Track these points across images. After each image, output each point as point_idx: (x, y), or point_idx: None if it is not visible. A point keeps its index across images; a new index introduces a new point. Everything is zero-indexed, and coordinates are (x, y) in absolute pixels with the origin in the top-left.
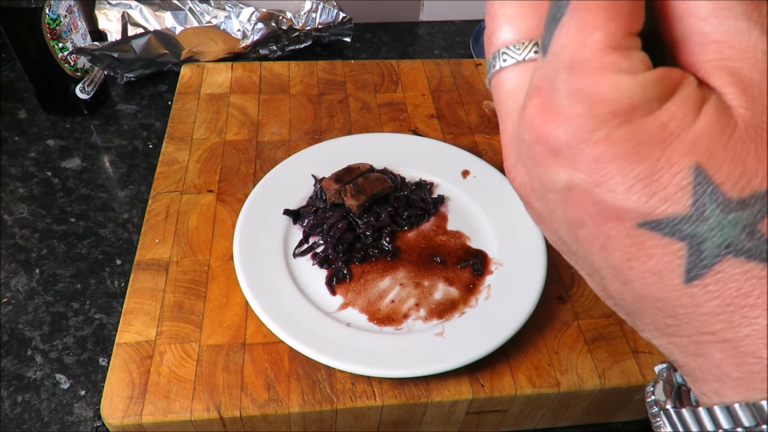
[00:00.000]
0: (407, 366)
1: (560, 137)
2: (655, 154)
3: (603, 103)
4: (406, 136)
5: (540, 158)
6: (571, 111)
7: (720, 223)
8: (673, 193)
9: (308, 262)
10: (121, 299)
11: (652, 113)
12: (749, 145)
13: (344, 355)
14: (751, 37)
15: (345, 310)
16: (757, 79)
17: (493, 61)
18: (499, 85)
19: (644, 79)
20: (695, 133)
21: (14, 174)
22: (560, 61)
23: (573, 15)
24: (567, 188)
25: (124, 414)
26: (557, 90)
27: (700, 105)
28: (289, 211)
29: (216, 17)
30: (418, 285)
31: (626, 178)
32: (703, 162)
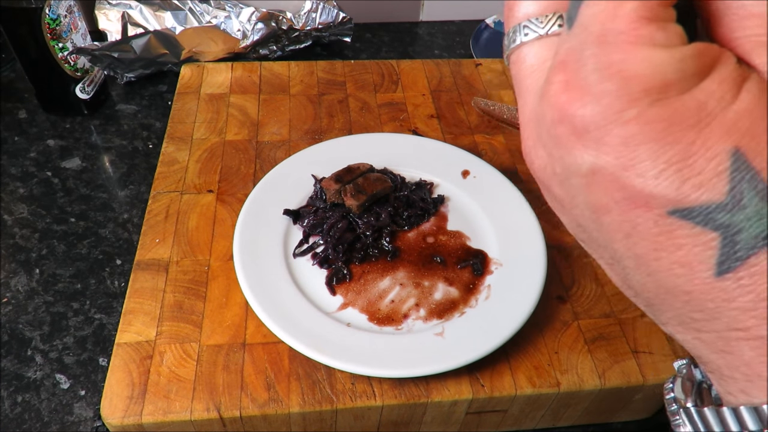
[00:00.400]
0: (407, 366)
1: (586, 116)
2: (690, 136)
3: (635, 80)
4: (406, 136)
5: (563, 139)
6: (600, 88)
7: (758, 213)
8: (708, 179)
9: (308, 262)
10: (121, 299)
11: (688, 91)
12: None
13: (344, 355)
14: None
15: (345, 310)
16: None
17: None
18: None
19: (681, 54)
20: (735, 114)
21: (14, 174)
22: (589, 33)
23: None
24: (591, 172)
25: (124, 414)
26: (584, 65)
27: (740, 84)
28: (289, 211)
29: (216, 17)
30: (418, 285)
31: (657, 162)
32: (742, 146)
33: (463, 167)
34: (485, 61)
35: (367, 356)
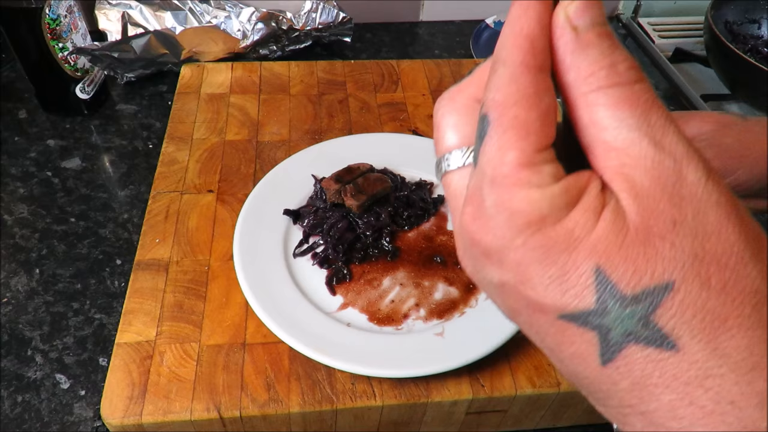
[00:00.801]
0: (407, 366)
1: (489, 243)
2: (564, 257)
3: (519, 215)
4: (406, 136)
5: (477, 257)
6: (495, 221)
7: (620, 316)
8: (580, 291)
9: (308, 262)
10: (121, 299)
11: (559, 221)
12: (639, 247)
13: (344, 355)
14: (642, 146)
15: (345, 310)
16: (647, 186)
17: (440, 164)
18: (447, 185)
19: (551, 192)
20: (595, 238)
21: (14, 174)
22: (485, 175)
23: (492, 134)
24: (500, 284)
25: (124, 414)
26: (484, 200)
27: (599, 211)
28: (289, 211)
29: (216, 17)
30: (418, 285)
31: (542, 279)
32: (601, 264)
33: None
34: None
35: (367, 356)
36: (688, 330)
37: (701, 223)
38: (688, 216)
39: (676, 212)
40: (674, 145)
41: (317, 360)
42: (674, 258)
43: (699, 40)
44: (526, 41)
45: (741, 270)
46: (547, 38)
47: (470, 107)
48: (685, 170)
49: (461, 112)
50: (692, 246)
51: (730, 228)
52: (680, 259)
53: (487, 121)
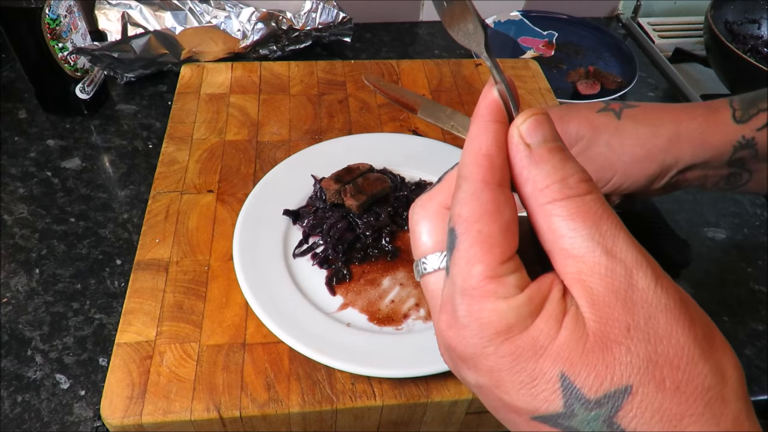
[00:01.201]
0: (408, 366)
1: (463, 350)
2: (531, 365)
3: (488, 326)
4: (406, 136)
5: (454, 360)
6: (467, 331)
7: (586, 419)
8: (549, 396)
9: (308, 262)
10: (121, 299)
11: (525, 330)
12: (598, 353)
13: (344, 356)
14: (595, 255)
15: (345, 310)
16: (602, 293)
17: (417, 266)
18: (425, 286)
19: (516, 303)
20: (558, 346)
21: (14, 174)
22: (456, 286)
23: (460, 248)
24: (477, 385)
25: (124, 414)
26: (457, 310)
27: (561, 318)
28: (288, 211)
29: (216, 17)
30: (418, 285)
31: (514, 384)
32: (565, 370)
33: None
34: None
35: (368, 356)
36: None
37: (653, 327)
38: (640, 321)
39: (630, 318)
40: (624, 252)
41: (318, 360)
42: (630, 363)
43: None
44: (486, 159)
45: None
46: (505, 155)
47: (441, 214)
48: (635, 277)
49: (433, 219)
50: (646, 350)
51: (680, 330)
52: (636, 364)
53: (455, 234)
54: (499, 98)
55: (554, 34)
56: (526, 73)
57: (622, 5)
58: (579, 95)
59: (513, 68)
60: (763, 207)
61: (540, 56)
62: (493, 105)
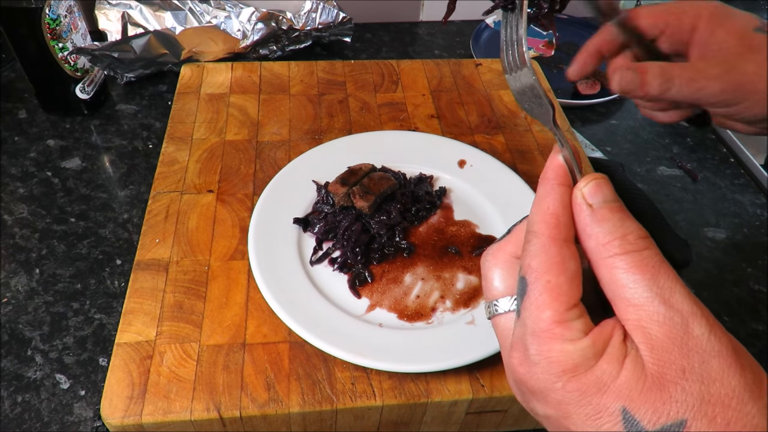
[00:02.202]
0: (455, 357)
1: (533, 385)
2: (596, 399)
3: (556, 364)
4: (395, 133)
5: (524, 393)
6: (538, 368)
7: None
8: (612, 426)
9: (326, 268)
10: (121, 299)
11: (590, 369)
12: (656, 391)
13: (386, 356)
14: (654, 304)
15: (373, 311)
16: (660, 339)
17: (489, 308)
18: (496, 325)
19: (582, 345)
20: (620, 385)
21: (14, 174)
22: (527, 328)
23: (530, 296)
24: (545, 416)
25: (124, 414)
26: (528, 349)
27: (622, 360)
28: (298, 219)
29: (216, 17)
30: (439, 278)
31: (580, 416)
32: (626, 405)
33: (459, 157)
34: (485, 61)
35: (410, 353)
36: None
37: (706, 370)
38: (695, 365)
39: (685, 362)
40: (681, 303)
41: (360, 364)
42: (685, 400)
43: None
44: (553, 218)
45: (741, 409)
46: (570, 213)
47: (510, 262)
48: (691, 325)
49: (504, 267)
50: (700, 390)
51: (731, 374)
52: (690, 401)
53: (526, 283)
54: (564, 163)
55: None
56: None
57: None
58: (579, 95)
59: None
60: (763, 207)
61: (540, 56)
62: (558, 169)
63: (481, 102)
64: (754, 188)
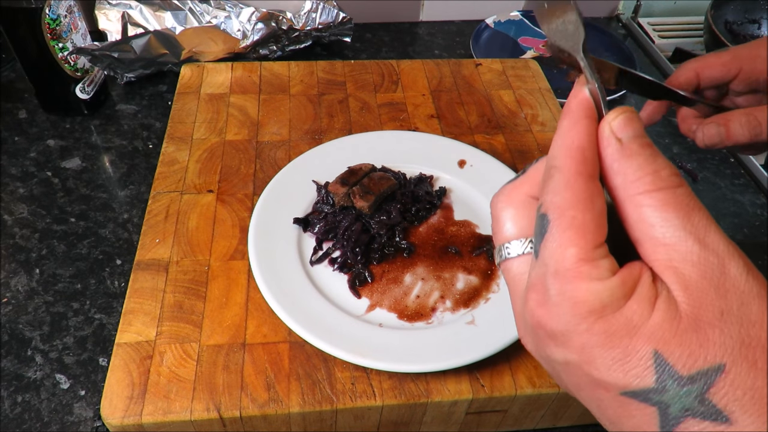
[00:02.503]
0: (455, 356)
1: (554, 328)
2: (625, 342)
3: (582, 304)
4: (396, 133)
5: (541, 338)
6: (559, 309)
7: (678, 394)
8: (641, 372)
9: (326, 268)
10: (121, 299)
11: (619, 310)
12: (692, 334)
13: (386, 356)
14: (688, 243)
15: (373, 311)
16: (695, 279)
17: (500, 251)
18: (507, 270)
19: (611, 284)
20: (652, 326)
21: (14, 174)
22: (548, 267)
23: (553, 233)
24: (565, 363)
25: (124, 414)
26: (548, 290)
27: (654, 300)
28: (298, 219)
29: (216, 17)
30: (439, 278)
31: (605, 360)
32: (659, 348)
33: (459, 157)
34: (485, 61)
35: (410, 353)
36: (740, 406)
37: (745, 313)
38: (733, 306)
39: (723, 303)
40: (716, 243)
41: (361, 365)
42: (724, 343)
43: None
44: (578, 152)
45: None
46: (596, 149)
47: (526, 203)
48: (728, 266)
49: (518, 207)
50: (739, 333)
51: None
52: (729, 344)
53: (547, 220)
54: (590, 96)
55: None
56: (526, 73)
57: (622, 5)
58: None
59: (513, 68)
60: (763, 207)
61: (540, 56)
62: (585, 102)
63: (481, 102)
64: (754, 188)
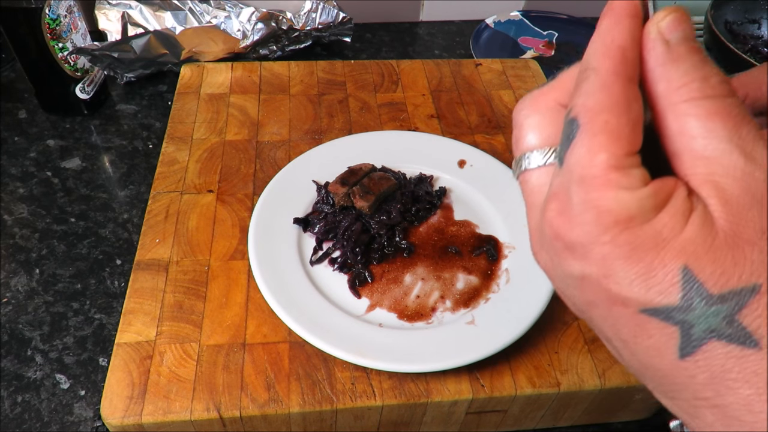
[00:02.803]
0: (454, 356)
1: (574, 238)
2: (651, 256)
3: (607, 214)
4: (395, 133)
5: (559, 251)
6: (582, 218)
7: (705, 313)
8: (666, 288)
9: (326, 268)
10: (121, 299)
11: (648, 222)
12: (727, 251)
13: (386, 356)
14: (732, 157)
15: (373, 311)
16: (736, 194)
17: (520, 162)
18: (525, 182)
19: (641, 195)
20: (683, 240)
21: (14, 174)
22: (573, 174)
23: (582, 137)
24: (581, 277)
25: (124, 414)
26: (571, 198)
27: (688, 215)
28: (298, 219)
29: (216, 17)
30: (439, 278)
31: (628, 274)
32: (689, 264)
33: (459, 157)
34: (485, 61)
35: (409, 353)
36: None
37: None
38: None
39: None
40: (764, 158)
41: (360, 364)
42: (762, 263)
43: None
44: (618, 51)
45: None
46: (638, 50)
47: (553, 110)
48: None
49: (544, 115)
50: None
51: None
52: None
53: (576, 125)
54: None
55: (554, 34)
56: (526, 73)
57: None
58: None
59: (513, 68)
60: None
61: (540, 56)
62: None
63: (481, 102)
64: None
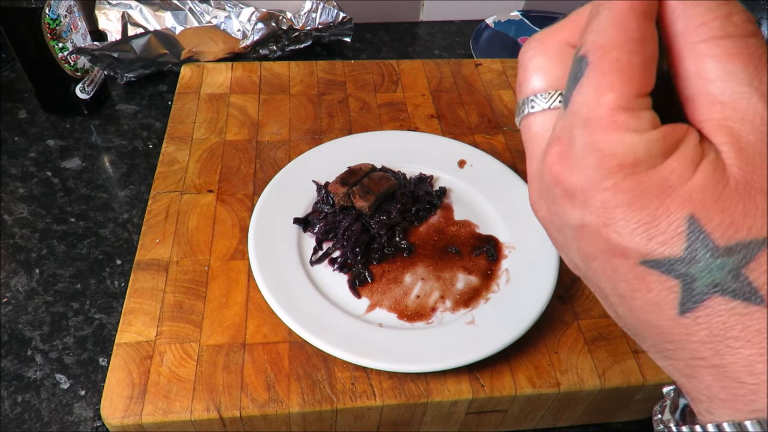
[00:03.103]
0: (459, 355)
1: (574, 183)
2: (655, 203)
3: (611, 157)
4: (395, 133)
5: (558, 198)
6: (584, 162)
7: (709, 266)
8: (669, 238)
9: (326, 268)
10: (121, 299)
11: (654, 167)
12: (738, 200)
13: (386, 356)
14: (751, 102)
15: (373, 311)
16: (752, 141)
17: (523, 106)
18: (527, 127)
19: (649, 138)
20: (691, 188)
21: (14, 174)
22: (577, 116)
23: (590, 76)
24: (580, 225)
25: (124, 414)
26: (574, 142)
27: (698, 161)
28: (298, 219)
29: (216, 17)
30: (438, 278)
31: (629, 223)
32: (696, 213)
33: (459, 157)
34: (485, 61)
35: (409, 353)
36: None
37: None
38: None
39: None
40: None
41: (361, 364)
42: None
43: None
44: None
45: None
46: None
47: (561, 51)
48: None
49: (551, 56)
50: None
51: None
52: None
53: (585, 63)
54: None
55: None
56: None
57: None
58: None
59: (513, 68)
60: None
61: None
62: None
63: (481, 102)
64: None
